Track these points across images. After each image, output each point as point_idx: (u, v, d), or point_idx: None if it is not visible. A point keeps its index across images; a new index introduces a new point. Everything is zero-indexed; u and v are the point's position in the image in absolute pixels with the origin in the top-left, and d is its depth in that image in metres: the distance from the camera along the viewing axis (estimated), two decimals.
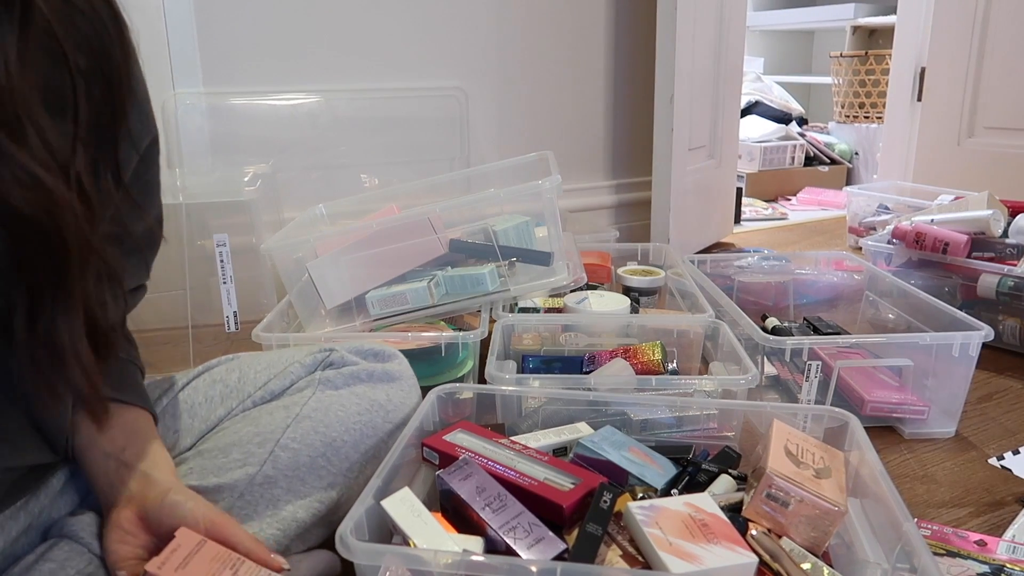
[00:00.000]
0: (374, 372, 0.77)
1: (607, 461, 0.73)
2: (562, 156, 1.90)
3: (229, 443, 0.67)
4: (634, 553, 0.61)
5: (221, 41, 1.53)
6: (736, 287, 1.40)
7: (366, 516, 0.61)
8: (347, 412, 0.72)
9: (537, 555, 0.59)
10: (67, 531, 0.59)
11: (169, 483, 0.60)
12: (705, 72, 1.91)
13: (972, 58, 2.02)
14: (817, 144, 2.90)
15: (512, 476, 0.69)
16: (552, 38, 1.86)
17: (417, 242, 1.14)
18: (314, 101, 1.63)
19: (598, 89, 1.96)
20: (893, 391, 1.04)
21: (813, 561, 0.63)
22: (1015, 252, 1.32)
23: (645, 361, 0.99)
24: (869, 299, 1.35)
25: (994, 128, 2.01)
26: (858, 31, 2.95)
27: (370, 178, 1.71)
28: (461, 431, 0.77)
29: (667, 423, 0.87)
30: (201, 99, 1.51)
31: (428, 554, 0.56)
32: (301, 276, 1.16)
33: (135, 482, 0.59)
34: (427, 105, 1.74)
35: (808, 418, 0.83)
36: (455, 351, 1.07)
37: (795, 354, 1.01)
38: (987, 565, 0.75)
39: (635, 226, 2.07)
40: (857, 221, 2.05)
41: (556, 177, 1.11)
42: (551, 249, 1.16)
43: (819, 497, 0.65)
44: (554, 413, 0.86)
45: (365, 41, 1.65)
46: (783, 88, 3.24)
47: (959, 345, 0.99)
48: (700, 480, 0.75)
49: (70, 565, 0.56)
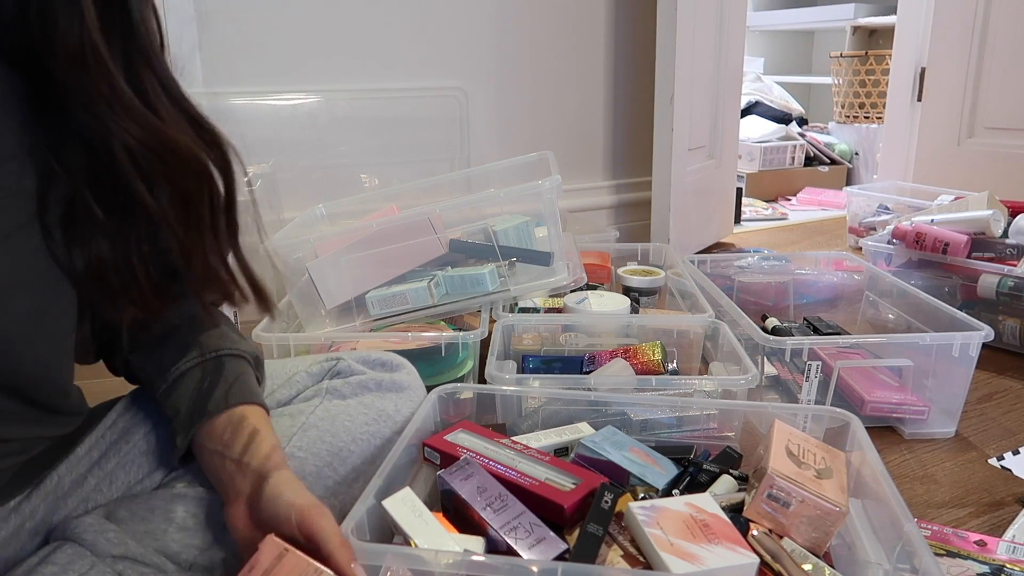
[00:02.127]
0: (382, 382, 0.76)
1: (608, 461, 0.73)
2: (562, 156, 1.90)
3: None
4: (635, 553, 0.61)
5: (221, 41, 1.52)
6: (736, 287, 1.40)
7: (367, 516, 0.61)
8: (354, 422, 0.72)
9: (538, 555, 0.59)
10: (70, 533, 0.58)
11: (268, 472, 0.58)
12: (705, 72, 1.91)
13: (972, 58, 2.02)
14: (817, 144, 2.90)
15: (513, 476, 0.69)
16: (552, 38, 1.86)
17: (417, 242, 1.14)
18: (314, 101, 1.63)
19: (598, 89, 1.96)
20: (893, 391, 1.04)
21: (814, 561, 0.63)
22: (1015, 252, 1.32)
23: (645, 361, 0.99)
24: (869, 299, 1.35)
25: (994, 128, 2.01)
26: (858, 31, 2.95)
27: (370, 178, 1.71)
28: (462, 431, 0.77)
29: (667, 423, 0.87)
30: (201, 99, 1.51)
31: (429, 554, 0.56)
32: (301, 276, 1.15)
33: (240, 477, 0.59)
34: (427, 105, 1.74)
35: (809, 418, 0.83)
36: (455, 351, 1.07)
37: (795, 354, 1.01)
38: (987, 565, 0.75)
39: (635, 226, 2.07)
40: (857, 221, 2.05)
41: (556, 177, 1.11)
42: (551, 249, 1.15)
43: (820, 498, 0.65)
44: (554, 413, 0.86)
45: (365, 41, 1.65)
46: (783, 88, 3.24)
47: (959, 345, 0.99)
48: (701, 480, 0.75)
49: (72, 568, 0.55)
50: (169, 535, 0.60)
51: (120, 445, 0.66)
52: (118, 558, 0.57)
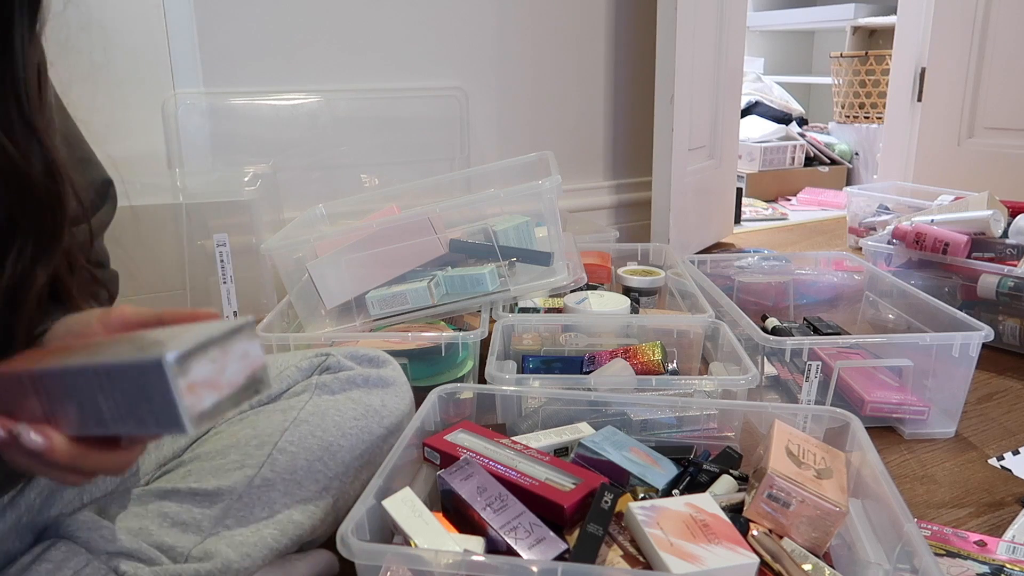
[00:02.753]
0: (369, 377, 0.77)
1: (608, 461, 0.73)
2: (562, 156, 1.90)
3: (227, 445, 0.67)
4: (635, 553, 0.61)
5: (221, 41, 1.53)
6: (736, 287, 1.40)
7: (367, 516, 0.61)
8: (343, 417, 0.72)
9: (538, 555, 0.59)
10: (64, 531, 0.58)
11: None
12: (705, 72, 1.90)
13: (972, 58, 2.02)
14: (817, 144, 2.90)
15: (513, 476, 0.69)
16: (552, 38, 1.86)
17: (417, 242, 1.14)
18: (314, 101, 1.63)
19: (598, 89, 1.96)
20: (893, 391, 1.04)
21: (814, 562, 0.63)
22: (1015, 252, 1.32)
23: (645, 361, 0.99)
24: (869, 299, 1.35)
25: (994, 128, 2.01)
26: (858, 31, 2.95)
27: (370, 178, 1.71)
28: (462, 431, 0.77)
29: (667, 423, 0.87)
30: (201, 99, 1.51)
31: (429, 554, 0.56)
32: (301, 276, 1.16)
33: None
34: (427, 105, 1.74)
35: (809, 418, 0.83)
36: (455, 351, 1.07)
37: (795, 354, 1.01)
38: (987, 565, 0.75)
39: (635, 226, 2.07)
40: (857, 221, 2.05)
41: (556, 177, 1.11)
42: (551, 249, 1.15)
43: (820, 498, 0.65)
44: (554, 413, 0.86)
45: (365, 41, 1.65)
46: (783, 88, 3.24)
47: (959, 345, 0.99)
48: (701, 480, 0.75)
49: (67, 566, 0.56)
50: (163, 530, 0.60)
51: None
52: (113, 554, 0.57)
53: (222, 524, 0.63)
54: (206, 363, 0.38)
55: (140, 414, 0.39)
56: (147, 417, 0.39)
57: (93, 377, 0.40)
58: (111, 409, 0.40)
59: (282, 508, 0.67)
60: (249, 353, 0.41)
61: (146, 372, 0.38)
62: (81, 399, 0.41)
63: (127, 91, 1.44)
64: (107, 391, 0.40)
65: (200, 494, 0.63)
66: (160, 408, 0.38)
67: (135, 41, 1.42)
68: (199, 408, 0.38)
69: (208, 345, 0.39)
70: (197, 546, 0.61)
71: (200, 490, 0.63)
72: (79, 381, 0.41)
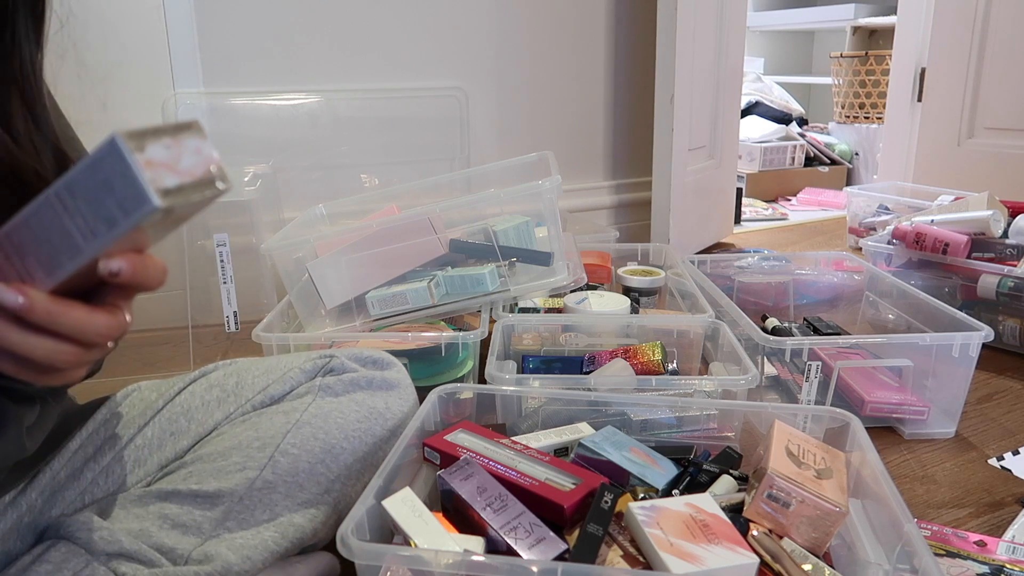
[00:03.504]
0: (373, 379, 0.77)
1: (608, 461, 0.73)
2: (562, 156, 1.90)
3: (229, 447, 0.67)
4: (635, 553, 0.61)
5: (221, 41, 1.53)
6: (736, 287, 1.40)
7: (367, 516, 0.61)
8: (346, 419, 0.72)
9: (538, 555, 0.59)
10: (64, 532, 0.58)
11: None
12: (705, 72, 1.91)
13: (972, 58, 2.02)
14: (817, 144, 2.91)
15: (513, 476, 0.69)
16: (552, 38, 1.86)
17: (417, 242, 1.14)
18: (314, 101, 1.63)
19: (598, 89, 1.96)
20: (893, 391, 1.04)
21: (814, 562, 0.63)
22: (1015, 252, 1.32)
23: (645, 361, 0.99)
24: (869, 299, 1.35)
25: (994, 128, 2.01)
26: (858, 31, 2.95)
27: (370, 178, 1.71)
28: (462, 431, 0.77)
29: (667, 423, 0.87)
30: (201, 99, 1.51)
31: (429, 554, 0.56)
32: (301, 276, 1.16)
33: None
34: (427, 105, 1.74)
35: (809, 418, 0.83)
36: (455, 351, 1.07)
37: (795, 354, 1.01)
38: (987, 565, 0.75)
39: (635, 226, 2.07)
40: (857, 221, 2.05)
41: (556, 177, 1.11)
42: (551, 249, 1.16)
43: (820, 498, 0.65)
44: (554, 413, 0.86)
45: (365, 41, 1.65)
46: (783, 88, 3.24)
47: (959, 345, 0.99)
48: (701, 480, 0.75)
49: (67, 567, 0.56)
50: (164, 531, 0.60)
51: (114, 441, 0.66)
52: (112, 556, 0.57)
53: (223, 526, 0.63)
54: (160, 147, 0.38)
55: (108, 212, 0.38)
56: (115, 212, 0.38)
57: (56, 202, 0.39)
58: (80, 226, 0.39)
59: (283, 510, 0.66)
60: (202, 150, 0.41)
61: (103, 161, 0.37)
62: (50, 235, 0.40)
63: (127, 91, 1.44)
64: (71, 208, 0.39)
65: (201, 496, 0.63)
66: (124, 191, 0.37)
67: (135, 41, 1.42)
68: (162, 184, 0.38)
69: (159, 132, 0.39)
70: (197, 548, 0.61)
71: (201, 492, 0.63)
72: (44, 215, 0.40)
